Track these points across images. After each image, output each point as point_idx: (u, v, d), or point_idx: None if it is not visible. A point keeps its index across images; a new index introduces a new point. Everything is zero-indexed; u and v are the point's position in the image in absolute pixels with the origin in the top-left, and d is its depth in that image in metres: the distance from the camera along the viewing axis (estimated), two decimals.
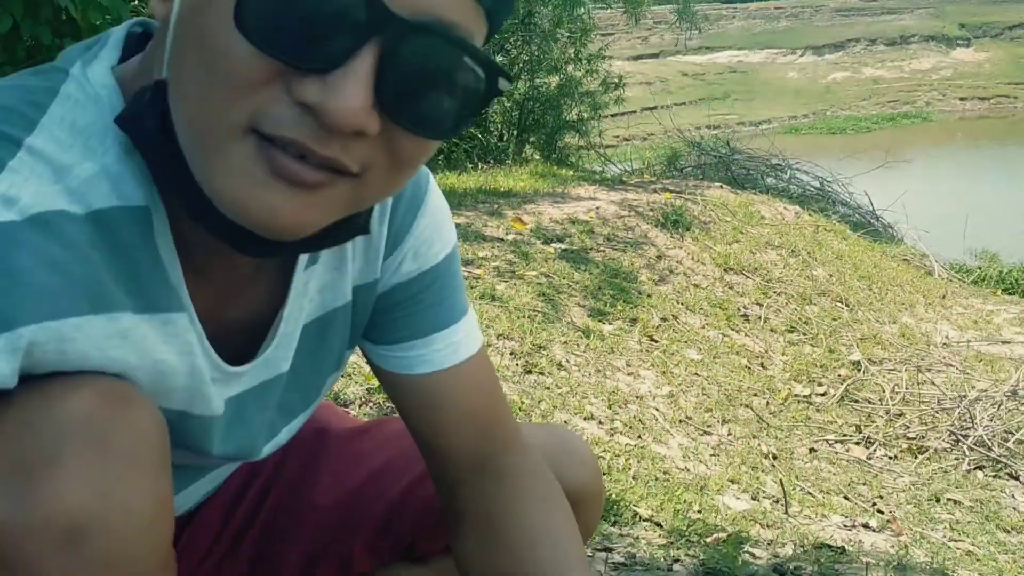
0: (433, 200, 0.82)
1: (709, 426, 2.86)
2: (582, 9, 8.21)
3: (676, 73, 28.11)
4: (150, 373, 0.66)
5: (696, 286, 4.19)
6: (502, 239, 4.02)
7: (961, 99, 29.59)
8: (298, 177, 0.55)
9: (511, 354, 2.77)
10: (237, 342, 0.74)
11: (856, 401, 3.48)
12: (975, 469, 3.04)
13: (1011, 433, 3.19)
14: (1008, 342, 4.56)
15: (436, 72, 0.56)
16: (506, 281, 3.47)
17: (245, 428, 0.78)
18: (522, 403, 2.47)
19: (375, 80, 0.54)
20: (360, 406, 2.25)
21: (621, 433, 2.56)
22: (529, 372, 2.73)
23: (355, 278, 0.80)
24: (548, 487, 0.88)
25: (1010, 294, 6.15)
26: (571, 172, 7.24)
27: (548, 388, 2.66)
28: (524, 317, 3.13)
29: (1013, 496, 2.84)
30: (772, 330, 3.97)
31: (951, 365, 3.97)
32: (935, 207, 9.16)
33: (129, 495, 0.58)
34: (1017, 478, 2.98)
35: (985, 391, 3.54)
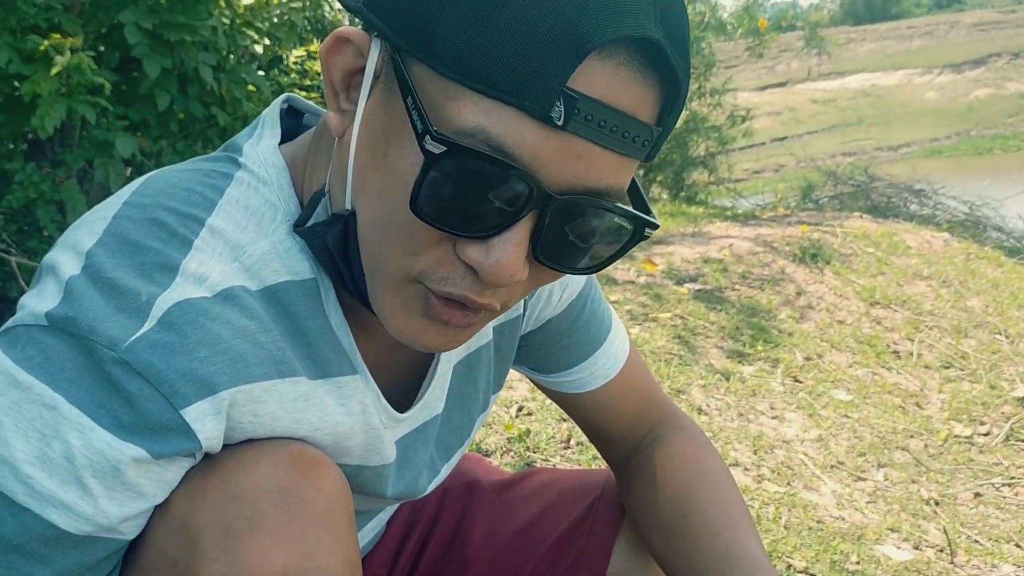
0: None
1: (863, 471, 2.72)
2: (704, 44, 8.12)
3: (805, 101, 27.40)
4: (330, 435, 0.71)
5: (840, 322, 4.02)
6: (633, 281, 3.98)
7: None
8: (451, 322, 0.64)
9: None
10: (400, 388, 0.80)
11: (1023, 440, 3.25)
12: None
13: None
14: None
15: (584, 231, 0.61)
16: (640, 324, 3.42)
17: (411, 468, 0.83)
18: None
19: (530, 240, 0.60)
20: (501, 456, 2.25)
21: (769, 480, 2.47)
22: None
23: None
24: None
25: None
26: (701, 210, 7.11)
27: None
28: (660, 361, 3.07)
29: None
30: (926, 367, 3.76)
31: None
32: None
33: (325, 556, 0.62)
34: None
35: None
